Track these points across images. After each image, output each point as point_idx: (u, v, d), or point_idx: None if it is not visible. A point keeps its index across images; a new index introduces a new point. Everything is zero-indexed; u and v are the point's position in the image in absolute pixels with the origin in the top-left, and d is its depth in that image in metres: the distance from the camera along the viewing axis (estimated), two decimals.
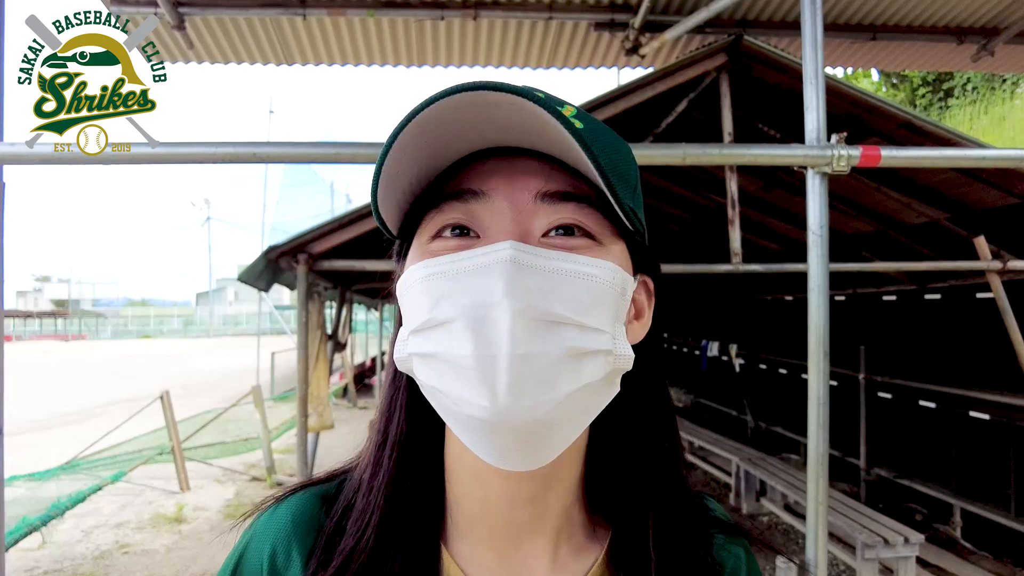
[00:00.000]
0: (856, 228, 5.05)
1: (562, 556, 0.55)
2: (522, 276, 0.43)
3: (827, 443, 1.72)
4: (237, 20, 3.33)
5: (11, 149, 1.47)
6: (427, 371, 0.46)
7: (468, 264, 0.45)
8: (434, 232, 0.49)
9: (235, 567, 0.56)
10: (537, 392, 0.42)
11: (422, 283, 0.47)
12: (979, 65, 3.86)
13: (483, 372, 0.42)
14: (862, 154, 1.58)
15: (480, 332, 0.42)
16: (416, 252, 0.50)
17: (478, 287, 0.43)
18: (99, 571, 4.52)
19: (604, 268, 0.47)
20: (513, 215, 0.47)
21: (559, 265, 0.45)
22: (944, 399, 4.97)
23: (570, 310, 0.44)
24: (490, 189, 0.47)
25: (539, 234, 0.47)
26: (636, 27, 3.20)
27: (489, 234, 0.47)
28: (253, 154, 1.36)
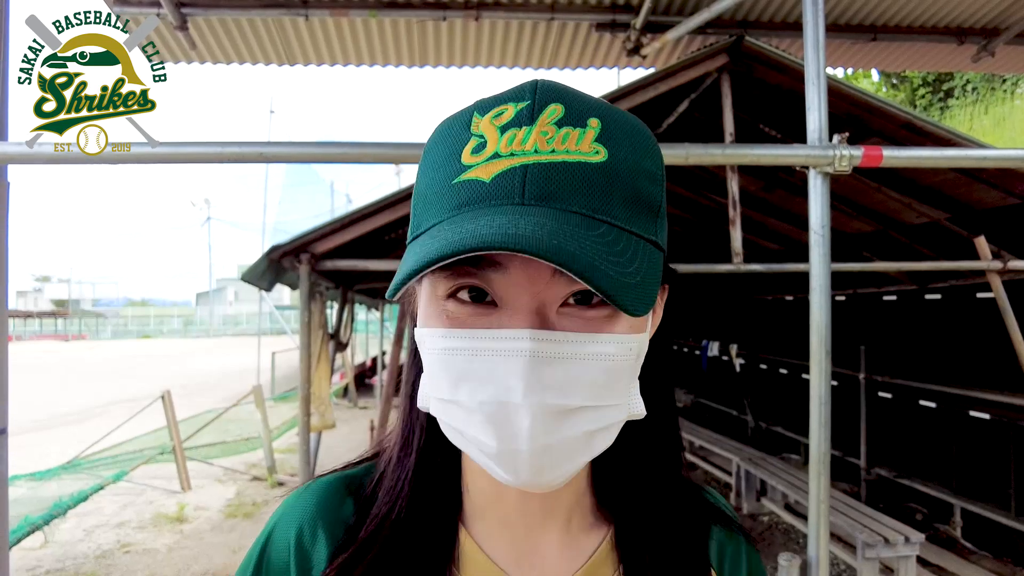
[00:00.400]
0: (857, 228, 5.06)
1: (572, 536, 0.58)
2: (540, 370, 0.44)
3: (829, 442, 1.72)
4: (239, 20, 3.34)
5: (15, 149, 1.47)
6: (452, 436, 0.49)
7: (487, 347, 0.45)
8: (449, 290, 0.48)
9: (263, 546, 0.59)
10: (556, 469, 0.46)
11: (440, 355, 0.48)
12: (979, 66, 3.86)
13: (505, 461, 0.45)
14: (864, 154, 1.59)
15: (501, 429, 0.44)
16: (431, 305, 0.50)
17: (498, 382, 0.44)
18: (101, 570, 4.53)
19: (622, 343, 0.47)
20: (531, 289, 0.46)
21: (577, 349, 0.45)
22: (944, 399, 4.98)
23: (588, 397, 0.45)
24: (507, 260, 0.46)
25: (557, 304, 0.46)
26: (637, 28, 3.21)
27: (506, 305, 0.46)
28: (259, 154, 1.37)
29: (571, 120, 0.46)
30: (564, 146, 0.46)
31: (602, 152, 0.46)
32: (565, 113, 0.47)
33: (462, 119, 0.49)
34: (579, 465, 0.47)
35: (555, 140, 0.46)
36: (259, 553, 0.58)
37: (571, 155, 0.45)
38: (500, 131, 0.46)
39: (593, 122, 0.47)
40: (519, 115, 0.47)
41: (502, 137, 0.46)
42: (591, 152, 0.46)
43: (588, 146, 0.46)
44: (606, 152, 0.46)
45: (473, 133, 0.48)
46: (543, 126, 0.46)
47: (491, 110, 0.48)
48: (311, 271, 3.18)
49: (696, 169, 4.91)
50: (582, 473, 0.58)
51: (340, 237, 3.24)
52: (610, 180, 0.46)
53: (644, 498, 0.58)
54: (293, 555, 0.56)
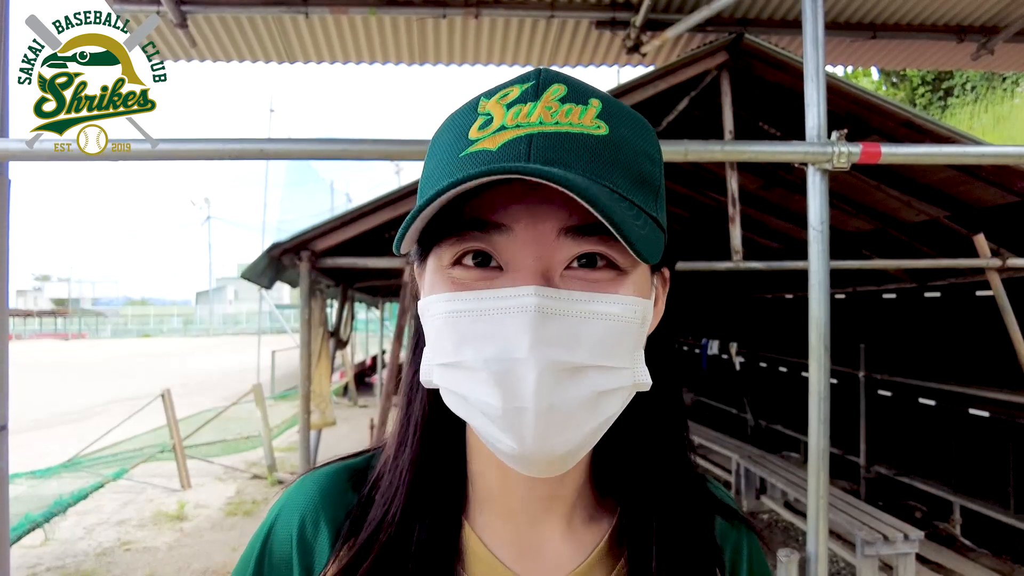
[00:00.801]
0: (856, 226, 5.06)
1: (574, 530, 0.58)
2: (546, 326, 0.44)
3: (828, 438, 1.73)
4: (240, 18, 3.34)
5: (15, 146, 1.47)
6: (454, 403, 0.49)
7: (492, 306, 0.45)
8: (454, 257, 0.48)
9: (265, 538, 0.58)
10: (562, 434, 0.45)
11: (445, 318, 0.48)
12: (979, 64, 3.87)
13: (510, 422, 0.44)
14: (862, 151, 1.59)
15: (506, 386, 0.44)
16: (436, 275, 0.50)
17: (503, 338, 0.44)
18: (101, 568, 4.54)
19: (626, 304, 0.47)
20: (536, 251, 0.46)
21: (581, 307, 0.45)
22: (944, 396, 4.98)
23: (593, 355, 0.45)
24: (513, 222, 0.46)
25: (561, 267, 0.47)
26: (637, 25, 3.21)
27: (512, 268, 0.47)
28: (260, 150, 1.37)
29: (573, 98, 0.48)
30: (568, 119, 0.47)
31: (604, 127, 0.48)
32: (568, 92, 0.48)
33: (469, 104, 0.51)
34: (585, 434, 0.47)
35: (559, 114, 0.47)
36: (261, 545, 0.58)
37: (574, 127, 0.47)
38: (506, 108, 0.48)
39: (594, 102, 0.48)
40: (524, 93, 0.48)
41: (507, 112, 0.48)
42: (593, 126, 0.47)
43: (591, 120, 0.47)
44: (608, 128, 0.48)
45: (480, 113, 0.49)
46: (547, 102, 0.47)
47: (497, 92, 0.50)
48: (311, 268, 3.19)
49: (696, 167, 4.91)
50: (583, 464, 0.57)
51: (340, 235, 3.25)
52: (613, 152, 0.47)
53: (648, 486, 0.58)
54: (295, 548, 0.56)
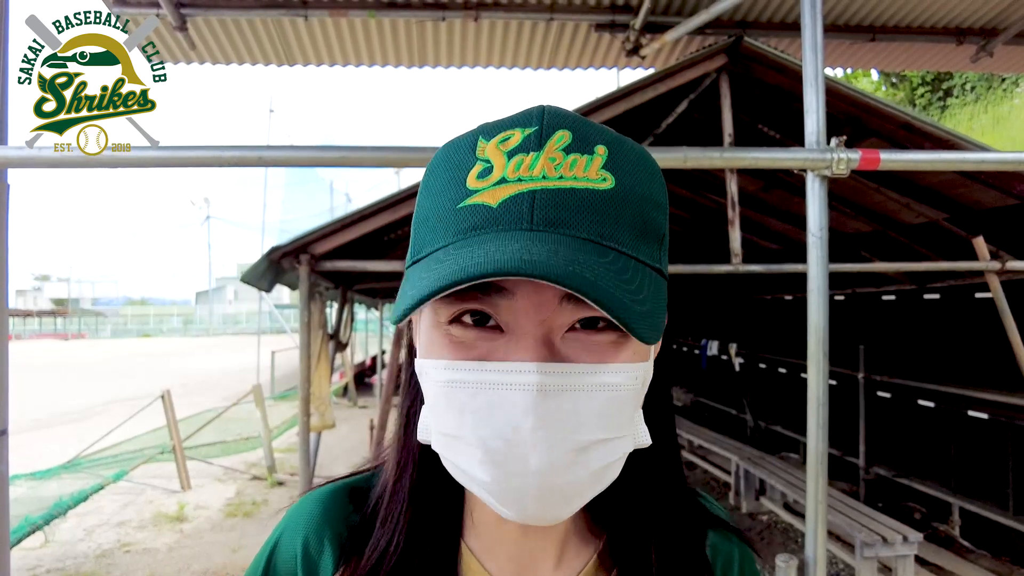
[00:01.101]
0: (855, 228, 5.07)
1: (567, 550, 0.58)
2: (547, 404, 0.43)
3: (827, 442, 1.73)
4: (239, 21, 3.35)
5: (14, 153, 1.48)
6: (453, 471, 0.49)
7: (492, 380, 0.44)
8: (452, 315, 0.47)
9: (269, 557, 0.59)
10: (562, 507, 0.46)
11: (443, 388, 0.47)
12: (978, 65, 3.87)
13: (510, 499, 0.45)
14: (861, 157, 1.60)
15: (507, 467, 0.44)
16: (433, 331, 0.49)
17: (503, 418, 0.43)
18: (101, 570, 4.54)
19: (629, 373, 0.47)
20: (538, 316, 0.45)
21: (585, 380, 0.45)
22: (943, 398, 4.99)
23: (596, 430, 0.45)
24: (514, 287, 0.45)
25: (563, 330, 0.46)
26: (636, 28, 3.21)
27: (512, 331, 0.46)
28: (259, 158, 1.37)
29: (579, 147, 0.46)
30: (572, 172, 0.46)
31: (609, 179, 0.46)
32: (573, 139, 0.47)
33: (466, 143, 0.49)
34: (585, 499, 0.47)
35: (563, 166, 0.46)
36: (265, 562, 0.58)
37: (579, 181, 0.45)
38: (507, 156, 0.46)
39: (600, 149, 0.47)
40: (526, 140, 0.47)
41: (509, 162, 0.46)
42: (599, 179, 0.46)
43: (596, 172, 0.46)
44: (613, 180, 0.46)
45: (479, 158, 0.47)
46: (551, 152, 0.46)
47: (497, 135, 0.48)
48: (311, 272, 3.19)
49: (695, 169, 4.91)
50: None
51: (340, 238, 3.25)
52: (618, 207, 0.46)
53: (638, 508, 0.58)
54: (300, 565, 0.57)
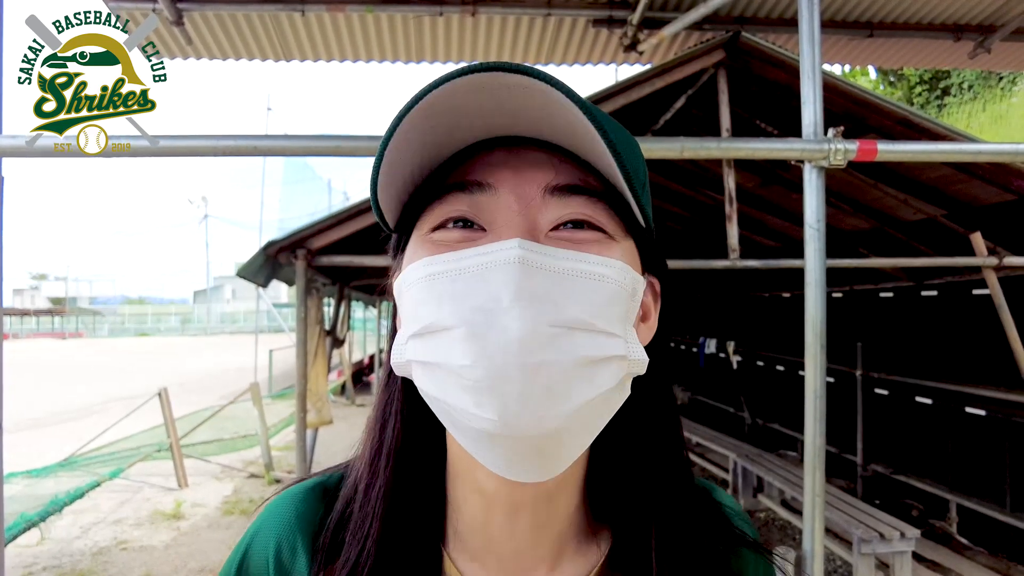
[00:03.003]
0: (853, 225, 5.07)
1: (562, 562, 0.53)
2: (531, 278, 0.41)
3: (824, 436, 1.73)
4: (236, 16, 3.34)
5: (10, 142, 1.47)
6: (428, 380, 0.44)
7: (473, 263, 0.42)
8: (436, 223, 0.46)
9: (241, 562, 0.56)
10: (549, 404, 0.40)
11: (423, 282, 0.44)
12: (976, 62, 3.87)
13: (491, 385, 0.39)
14: (859, 148, 1.59)
15: (487, 342, 0.40)
16: (416, 244, 0.48)
17: (484, 291, 0.41)
18: (98, 567, 4.53)
19: (615, 267, 0.45)
20: (520, 209, 0.44)
21: (569, 265, 0.42)
22: (940, 395, 4.99)
23: (582, 314, 0.42)
24: (496, 181, 0.45)
25: (547, 228, 0.45)
26: (634, 23, 3.21)
27: (495, 228, 0.45)
28: (254, 147, 1.37)
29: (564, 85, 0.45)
30: None
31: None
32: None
33: None
34: (579, 408, 0.41)
35: None
36: (237, 567, 0.56)
37: None
38: None
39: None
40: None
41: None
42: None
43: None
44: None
45: None
46: None
47: None
48: (307, 267, 3.18)
49: (693, 166, 4.91)
50: (576, 484, 0.53)
51: (336, 233, 3.24)
52: (594, 119, 0.43)
53: (646, 510, 0.53)
54: (272, 569, 0.54)
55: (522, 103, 0.43)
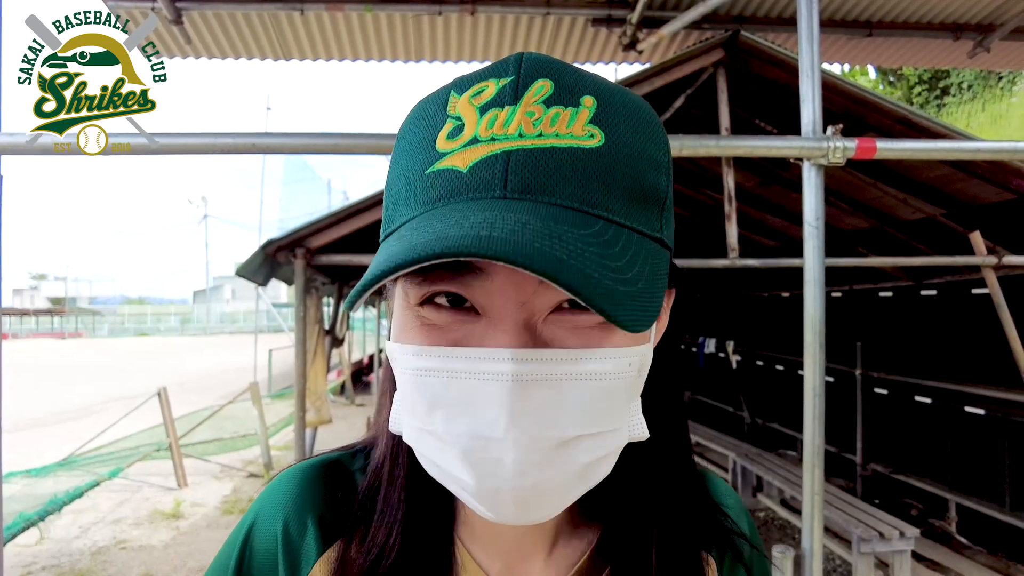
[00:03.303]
0: (853, 225, 5.07)
1: (556, 550, 0.55)
2: (526, 397, 0.38)
3: (823, 434, 1.73)
4: (235, 15, 3.33)
5: (10, 140, 1.47)
6: (428, 467, 0.45)
7: (463, 368, 0.40)
8: (422, 297, 0.42)
9: (245, 541, 0.53)
10: (545, 508, 0.42)
11: (414, 375, 0.42)
12: (975, 61, 3.87)
13: (487, 500, 0.41)
14: (858, 146, 1.59)
15: (482, 467, 0.39)
16: (405, 313, 0.44)
17: (476, 412, 0.39)
18: (97, 567, 4.52)
19: (621, 358, 0.41)
20: (517, 297, 0.40)
21: (568, 368, 0.39)
22: (940, 394, 4.99)
23: (583, 424, 0.40)
24: (487, 265, 0.40)
25: (546, 312, 0.41)
26: (633, 22, 3.21)
27: (490, 315, 0.41)
28: (252, 144, 1.36)
29: (561, 98, 0.41)
30: (553, 129, 0.40)
31: (598, 136, 0.41)
32: (554, 90, 0.41)
33: (438, 99, 0.44)
34: (571, 499, 0.43)
35: (543, 122, 0.40)
36: (240, 547, 0.53)
37: (561, 139, 0.40)
38: (479, 112, 0.41)
39: (587, 100, 0.42)
40: (501, 93, 0.41)
41: (482, 119, 0.41)
42: (585, 136, 0.41)
43: (581, 129, 0.41)
44: (603, 135, 0.41)
45: (449, 115, 0.42)
46: (528, 106, 0.41)
47: (470, 87, 0.43)
48: (306, 266, 3.18)
49: (692, 165, 4.91)
50: None
51: (335, 232, 3.24)
52: (608, 168, 0.41)
53: (636, 505, 0.53)
54: (281, 547, 0.52)
55: None
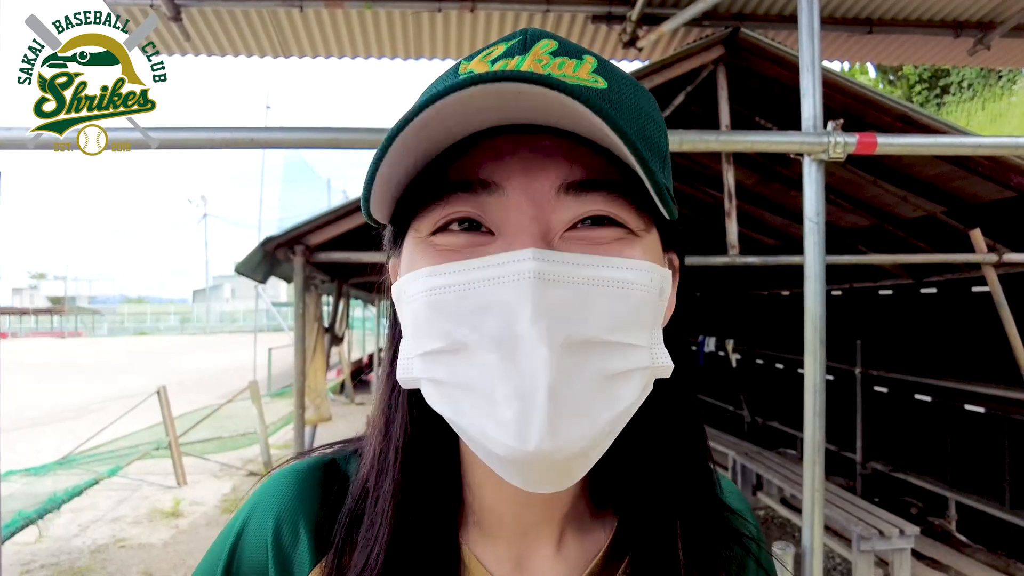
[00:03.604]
0: (853, 223, 5.06)
1: (566, 544, 0.53)
2: (549, 293, 0.37)
3: (823, 431, 1.73)
4: (234, 11, 3.33)
5: (7, 134, 1.47)
6: (442, 401, 0.41)
7: (483, 275, 0.39)
8: (437, 225, 0.42)
9: (235, 545, 0.51)
10: (573, 427, 0.38)
11: (427, 296, 0.41)
12: (975, 59, 3.87)
13: (511, 412, 0.37)
14: (858, 141, 1.59)
15: (507, 367, 0.37)
16: (416, 247, 0.44)
17: (499, 311, 0.38)
18: (96, 565, 4.52)
19: (642, 270, 0.41)
20: (532, 211, 0.40)
21: (591, 272, 0.39)
22: (940, 393, 4.99)
23: (607, 329, 0.39)
24: (504, 180, 0.40)
25: (563, 229, 0.41)
26: (633, 19, 3.20)
27: (504, 233, 0.41)
28: (251, 139, 1.36)
29: (567, 52, 0.43)
30: (561, 71, 0.41)
31: (602, 82, 0.42)
32: (560, 46, 0.43)
33: (449, 70, 0.46)
34: (601, 427, 0.39)
35: (551, 66, 0.41)
36: (230, 551, 0.51)
37: (569, 78, 0.41)
38: (491, 64, 0.43)
39: (589, 58, 0.43)
40: (510, 48, 0.43)
41: (493, 67, 0.42)
42: (591, 80, 0.42)
43: (587, 74, 0.42)
44: (607, 83, 0.42)
45: (460, 74, 0.44)
46: (537, 55, 0.42)
47: (480, 53, 0.44)
48: (305, 263, 3.17)
49: (693, 163, 4.90)
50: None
51: (334, 229, 3.23)
52: (616, 105, 0.42)
53: (653, 499, 0.51)
54: (271, 553, 0.50)
55: (531, 104, 0.39)
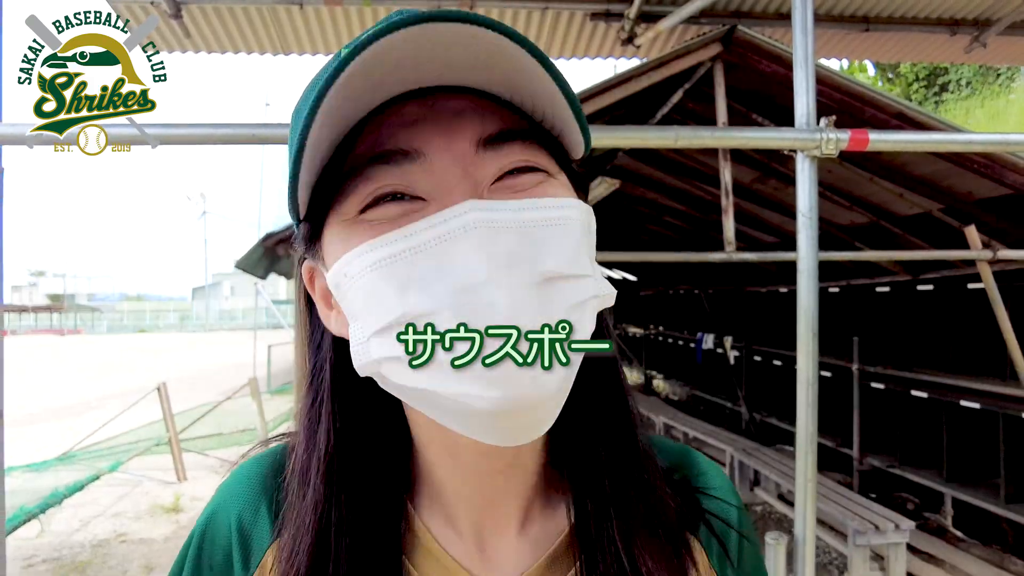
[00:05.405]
0: (850, 220, 5.08)
1: (531, 522, 0.52)
2: (498, 239, 0.38)
3: (816, 423, 1.75)
4: (234, 8, 3.34)
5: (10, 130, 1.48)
6: (410, 374, 0.39)
7: (430, 236, 0.38)
8: (364, 203, 0.41)
9: (201, 538, 0.52)
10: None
11: (375, 270, 0.39)
12: (972, 57, 3.88)
13: (487, 370, 0.37)
14: (851, 137, 1.61)
15: (475, 323, 0.36)
16: (345, 230, 0.42)
17: (453, 267, 0.37)
18: (97, 559, 4.55)
19: (574, 207, 0.43)
20: (459, 170, 0.40)
21: (531, 215, 0.40)
22: (935, 388, 5.02)
23: (558, 264, 0.39)
24: (423, 145, 0.40)
25: (489, 182, 0.41)
26: (631, 17, 3.21)
27: (436, 196, 0.40)
28: (251, 135, 1.38)
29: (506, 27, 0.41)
30: None
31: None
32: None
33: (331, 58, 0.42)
34: (567, 370, 0.39)
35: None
36: (197, 543, 0.52)
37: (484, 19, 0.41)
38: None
39: None
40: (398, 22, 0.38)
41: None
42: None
43: None
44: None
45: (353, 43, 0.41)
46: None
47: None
48: None
49: (689, 160, 4.92)
50: (541, 443, 0.51)
51: None
52: (543, 60, 0.41)
53: (601, 469, 0.50)
54: (235, 537, 0.51)
55: (462, 53, 0.39)
